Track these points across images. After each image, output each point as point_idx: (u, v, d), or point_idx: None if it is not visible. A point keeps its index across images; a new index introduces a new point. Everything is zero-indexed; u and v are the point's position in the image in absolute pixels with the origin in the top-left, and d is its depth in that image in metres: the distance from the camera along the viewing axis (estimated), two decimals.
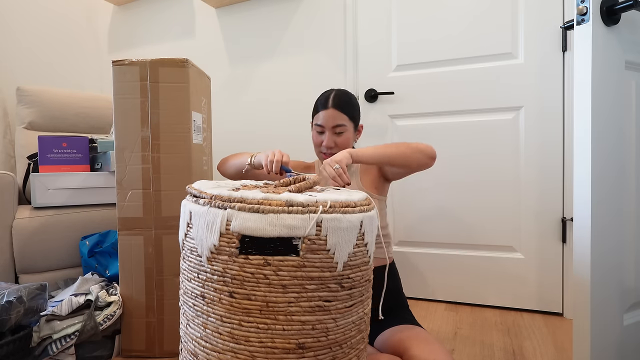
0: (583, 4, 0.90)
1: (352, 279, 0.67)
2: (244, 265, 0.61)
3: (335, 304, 0.65)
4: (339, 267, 0.64)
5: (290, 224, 0.60)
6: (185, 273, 0.70)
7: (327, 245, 0.62)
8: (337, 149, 1.09)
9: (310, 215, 0.61)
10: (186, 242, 0.70)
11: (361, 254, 0.68)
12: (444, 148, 1.67)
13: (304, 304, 0.62)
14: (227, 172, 1.20)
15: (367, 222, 0.68)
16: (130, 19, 2.40)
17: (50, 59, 2.22)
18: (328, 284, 0.63)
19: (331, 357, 0.65)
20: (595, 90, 0.92)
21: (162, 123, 1.15)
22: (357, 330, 0.70)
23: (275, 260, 0.61)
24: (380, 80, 1.76)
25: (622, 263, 1.00)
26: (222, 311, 0.63)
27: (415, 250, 1.73)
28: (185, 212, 0.70)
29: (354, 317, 0.68)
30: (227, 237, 0.62)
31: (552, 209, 1.53)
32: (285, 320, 0.62)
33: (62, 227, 1.43)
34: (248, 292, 0.62)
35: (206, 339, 0.65)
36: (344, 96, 1.12)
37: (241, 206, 0.61)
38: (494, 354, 1.20)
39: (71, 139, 1.48)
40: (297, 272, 0.61)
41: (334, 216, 0.62)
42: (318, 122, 1.11)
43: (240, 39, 2.08)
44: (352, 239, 0.65)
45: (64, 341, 1.08)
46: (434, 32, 1.67)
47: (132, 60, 1.15)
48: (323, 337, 0.64)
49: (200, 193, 0.67)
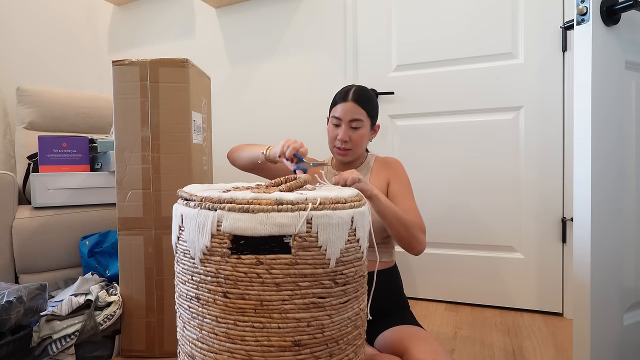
0: (583, 4, 0.90)
1: (346, 275, 0.67)
2: (236, 265, 0.62)
3: (329, 300, 0.65)
4: (331, 263, 0.64)
5: (281, 222, 0.61)
6: (179, 276, 0.71)
7: (319, 242, 0.63)
8: (351, 144, 1.08)
9: (300, 212, 0.61)
10: (179, 245, 0.70)
11: (354, 249, 0.68)
12: (443, 148, 1.67)
13: (298, 301, 0.62)
14: (237, 161, 1.17)
15: (359, 217, 0.68)
16: (130, 19, 2.40)
17: (50, 59, 2.22)
18: (321, 281, 0.64)
19: (328, 354, 0.65)
20: (595, 90, 0.92)
21: (162, 123, 1.15)
22: (353, 326, 0.70)
23: (268, 259, 0.61)
24: (380, 80, 1.76)
25: (622, 263, 1.00)
26: (217, 312, 0.63)
27: None
28: (176, 216, 0.70)
29: (349, 313, 0.69)
30: (219, 237, 0.62)
31: (552, 209, 1.52)
32: (280, 318, 0.62)
33: (62, 227, 1.43)
34: (242, 291, 0.62)
35: (202, 340, 0.66)
36: (364, 92, 1.10)
37: (231, 207, 0.62)
38: (494, 354, 1.20)
39: (71, 139, 1.48)
40: (290, 270, 0.62)
41: (324, 213, 0.63)
42: (335, 115, 1.09)
43: (240, 39, 2.08)
44: (343, 234, 0.65)
45: (64, 341, 1.09)
46: (434, 32, 1.67)
47: (132, 60, 1.15)
48: (319, 333, 0.64)
49: (191, 196, 0.68)
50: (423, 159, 1.71)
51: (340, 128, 1.09)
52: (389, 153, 1.76)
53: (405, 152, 1.73)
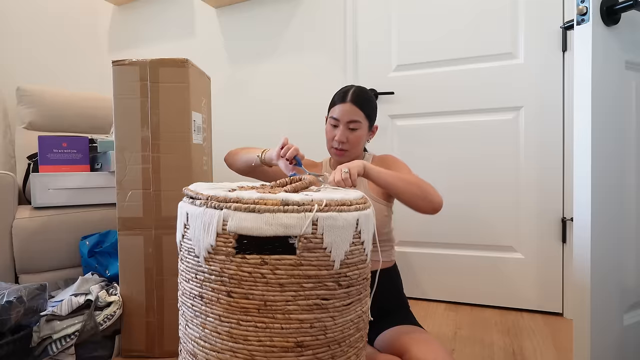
0: (583, 4, 0.90)
1: (350, 277, 0.67)
2: (241, 265, 0.62)
3: (333, 302, 0.65)
4: (335, 265, 0.64)
5: (286, 222, 0.61)
6: (183, 274, 0.71)
7: (324, 244, 0.63)
8: (349, 145, 1.09)
9: (305, 214, 0.61)
10: (184, 243, 0.70)
11: (358, 252, 0.68)
12: (443, 148, 1.67)
13: (301, 302, 0.62)
14: (234, 165, 1.17)
15: (364, 220, 0.68)
16: (130, 19, 2.40)
17: (50, 59, 2.22)
18: (325, 282, 0.64)
19: (330, 356, 0.65)
20: (595, 90, 0.92)
21: (162, 123, 1.15)
22: (355, 329, 0.70)
23: (272, 259, 0.61)
24: (380, 80, 1.76)
25: (622, 263, 1.00)
26: (220, 311, 0.63)
27: (416, 250, 1.73)
28: (182, 214, 0.70)
29: (352, 315, 0.69)
30: (224, 237, 0.62)
31: (552, 209, 1.52)
32: (284, 319, 0.62)
33: (62, 227, 1.43)
34: (246, 291, 0.62)
35: (205, 338, 0.66)
36: (363, 93, 1.11)
37: (237, 206, 0.61)
38: (494, 354, 1.20)
39: (71, 139, 1.48)
40: (294, 271, 0.62)
41: (330, 214, 0.63)
42: (333, 115, 1.10)
43: (240, 39, 2.08)
44: (348, 237, 0.65)
45: (64, 341, 1.08)
46: (434, 32, 1.67)
47: (132, 61, 1.15)
48: (321, 335, 0.64)
49: (197, 194, 0.68)
50: (423, 158, 1.71)
51: (338, 129, 1.09)
52: (388, 153, 1.75)
53: (405, 152, 1.73)
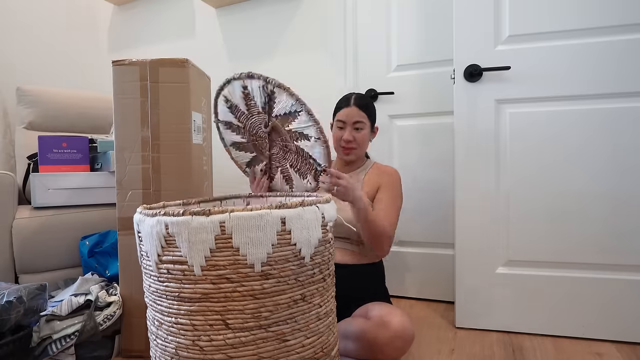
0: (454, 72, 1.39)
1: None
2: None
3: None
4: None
5: None
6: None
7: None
8: (355, 143, 1.25)
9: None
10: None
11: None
12: (443, 148, 1.67)
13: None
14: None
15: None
16: (130, 19, 2.40)
17: (50, 59, 2.22)
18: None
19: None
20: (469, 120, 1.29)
21: (162, 123, 1.15)
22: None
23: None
24: (380, 80, 1.76)
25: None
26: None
27: (415, 250, 1.73)
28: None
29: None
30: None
31: None
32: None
33: (62, 227, 1.43)
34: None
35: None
36: (364, 98, 1.28)
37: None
38: (494, 354, 1.21)
39: (71, 139, 1.48)
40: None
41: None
42: (340, 118, 1.26)
43: (240, 39, 2.08)
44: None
45: (64, 341, 1.08)
46: (433, 32, 1.67)
47: (132, 60, 1.15)
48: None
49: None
50: (423, 158, 1.71)
51: (345, 130, 1.25)
52: (388, 152, 1.76)
53: (404, 151, 1.73)
